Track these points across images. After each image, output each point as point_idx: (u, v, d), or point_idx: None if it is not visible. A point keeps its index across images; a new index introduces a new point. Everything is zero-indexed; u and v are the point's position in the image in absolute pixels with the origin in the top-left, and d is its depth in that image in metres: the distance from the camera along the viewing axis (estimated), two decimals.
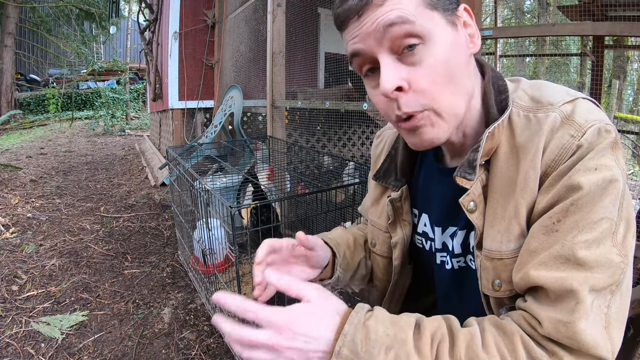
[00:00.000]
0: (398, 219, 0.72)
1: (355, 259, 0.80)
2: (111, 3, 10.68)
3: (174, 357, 1.42)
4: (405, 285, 0.78)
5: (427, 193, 0.70)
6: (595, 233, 0.46)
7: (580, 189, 0.47)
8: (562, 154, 0.49)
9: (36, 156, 5.45)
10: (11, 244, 2.35)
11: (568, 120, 0.50)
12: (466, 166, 0.56)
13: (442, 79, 0.51)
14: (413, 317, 0.51)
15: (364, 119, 2.31)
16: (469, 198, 0.56)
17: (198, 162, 2.81)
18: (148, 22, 4.96)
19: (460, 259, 0.65)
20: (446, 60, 0.51)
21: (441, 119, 0.53)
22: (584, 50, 5.20)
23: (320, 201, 1.29)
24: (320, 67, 4.62)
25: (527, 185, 0.51)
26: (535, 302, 0.48)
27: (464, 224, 0.62)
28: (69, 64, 11.75)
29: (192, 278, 1.95)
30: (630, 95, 12.79)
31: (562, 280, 0.45)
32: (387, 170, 0.74)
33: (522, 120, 0.54)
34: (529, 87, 0.58)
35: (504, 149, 0.55)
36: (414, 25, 0.49)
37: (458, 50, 0.53)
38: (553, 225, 0.48)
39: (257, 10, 3.11)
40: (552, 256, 0.47)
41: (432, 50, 0.50)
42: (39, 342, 1.48)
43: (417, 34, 0.49)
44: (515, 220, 0.52)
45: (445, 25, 0.52)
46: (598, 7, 2.81)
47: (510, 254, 0.52)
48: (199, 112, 4.25)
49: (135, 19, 10.15)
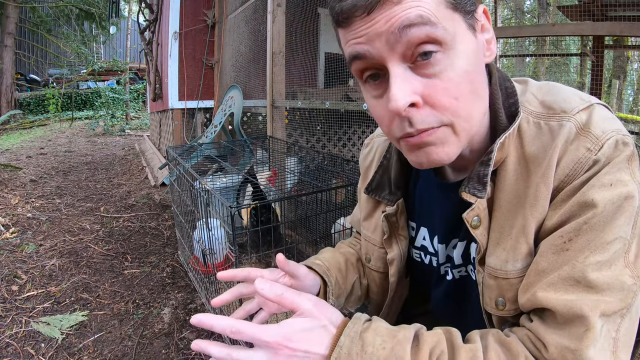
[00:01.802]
0: (394, 235, 0.67)
1: (348, 283, 0.74)
2: (111, 3, 10.68)
3: (174, 357, 1.42)
4: (402, 298, 0.75)
5: (426, 207, 0.65)
6: (607, 254, 0.43)
7: (595, 207, 0.43)
8: (577, 168, 0.45)
9: (36, 156, 5.45)
10: (11, 244, 2.35)
11: (584, 131, 0.46)
12: (475, 181, 0.51)
13: (465, 93, 0.45)
14: (412, 329, 0.48)
15: (364, 119, 2.31)
16: (473, 213, 0.51)
17: (198, 162, 2.81)
18: (148, 22, 4.96)
19: (460, 269, 0.62)
20: (468, 72, 0.45)
21: (456, 137, 0.47)
22: (584, 50, 5.19)
23: (320, 201, 1.29)
24: (320, 67, 4.61)
25: (538, 202, 0.47)
26: (542, 325, 0.45)
27: (464, 235, 0.59)
28: (69, 64, 11.75)
29: (192, 278, 1.95)
30: (630, 95, 12.79)
31: (571, 304, 0.42)
32: (379, 183, 0.68)
33: (532, 128, 0.50)
34: (537, 90, 0.53)
35: (512, 160, 0.50)
36: (436, 28, 0.42)
37: (477, 59, 0.47)
38: (564, 245, 0.45)
39: (257, 10, 3.11)
40: (562, 278, 0.44)
41: (454, 60, 0.44)
42: (39, 342, 1.48)
43: (439, 38, 0.42)
44: (523, 238, 0.48)
45: (467, 30, 0.46)
46: (598, 7, 2.81)
47: (517, 274, 0.49)
48: (199, 112, 4.25)
49: (135, 19, 10.16)
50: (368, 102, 0.51)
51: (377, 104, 0.49)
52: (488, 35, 0.50)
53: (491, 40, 0.50)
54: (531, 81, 0.56)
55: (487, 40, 0.50)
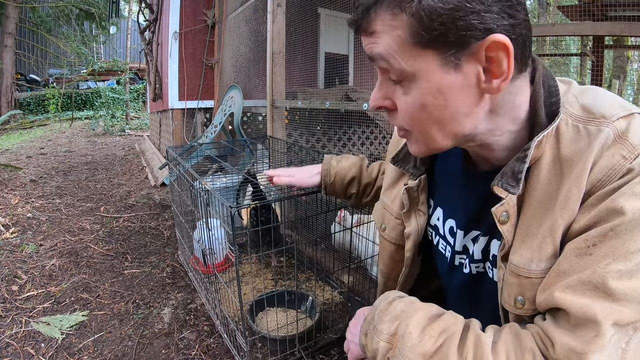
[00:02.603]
0: (414, 209, 0.69)
1: (347, 194, 1.05)
2: (111, 3, 10.69)
3: (174, 357, 1.42)
4: (414, 276, 0.77)
5: (447, 189, 0.67)
6: (630, 264, 0.42)
7: (623, 215, 0.43)
8: (610, 174, 0.45)
9: (36, 156, 5.45)
10: (11, 244, 2.35)
11: (621, 139, 0.45)
12: (509, 176, 0.50)
13: (418, 119, 0.51)
14: (436, 307, 0.55)
15: (364, 119, 2.31)
16: (503, 208, 0.51)
17: (198, 162, 2.81)
18: (148, 22, 4.96)
19: (479, 265, 0.62)
20: (424, 105, 0.48)
21: (423, 142, 0.54)
22: (584, 50, 5.20)
23: (320, 201, 1.29)
24: (320, 67, 4.61)
25: (568, 205, 0.47)
26: (553, 324, 0.46)
27: (487, 230, 0.59)
28: (69, 64, 11.76)
29: (192, 278, 1.95)
30: (630, 95, 12.80)
31: (586, 308, 0.43)
32: (406, 155, 0.70)
33: (570, 130, 0.49)
34: (580, 92, 0.53)
35: (547, 160, 0.50)
36: (393, 65, 0.47)
37: (453, 95, 0.47)
38: (587, 249, 0.45)
39: (257, 10, 3.11)
40: (581, 281, 0.44)
41: (412, 92, 0.49)
42: (39, 342, 1.48)
43: (397, 74, 0.48)
44: (550, 238, 0.48)
45: (439, 67, 0.45)
46: (598, 7, 2.81)
47: (540, 274, 0.49)
48: (199, 112, 4.25)
49: (135, 19, 10.17)
50: None
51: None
52: (497, 68, 0.45)
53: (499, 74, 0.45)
54: (575, 83, 0.56)
55: (491, 71, 0.46)
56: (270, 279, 1.93)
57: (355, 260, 1.81)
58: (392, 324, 0.53)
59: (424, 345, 0.48)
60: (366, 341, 0.56)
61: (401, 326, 0.51)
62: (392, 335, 0.52)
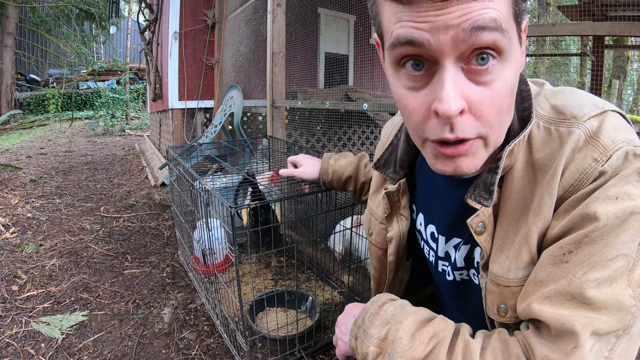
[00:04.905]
0: (395, 213, 0.68)
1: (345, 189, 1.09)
2: (111, 3, 10.69)
3: (174, 357, 1.42)
4: (404, 281, 0.76)
5: (428, 196, 0.66)
6: (608, 271, 0.41)
7: (597, 220, 0.41)
8: (582, 179, 0.43)
9: (36, 156, 5.45)
10: (11, 244, 2.35)
11: (592, 140, 0.44)
12: (482, 189, 0.49)
13: (505, 107, 0.43)
14: (427, 312, 0.54)
15: (364, 119, 2.31)
16: (478, 219, 0.50)
17: (198, 162, 2.81)
18: (148, 22, 4.96)
19: (462, 272, 0.62)
20: (512, 86, 0.43)
21: (485, 149, 0.45)
22: (584, 50, 5.20)
23: (320, 201, 1.29)
24: (320, 67, 4.61)
25: (541, 211, 0.46)
26: (534, 335, 0.45)
27: (468, 238, 0.58)
28: (69, 64, 11.76)
29: (192, 278, 1.95)
30: (630, 95, 12.79)
31: (564, 319, 0.42)
32: (387, 160, 0.69)
33: (542, 133, 0.48)
34: (551, 94, 0.51)
35: (520, 166, 0.49)
36: (504, 36, 0.39)
37: (519, 72, 0.45)
38: (563, 256, 0.43)
39: (257, 10, 3.11)
40: (558, 291, 0.43)
41: (505, 72, 0.41)
42: (39, 342, 1.48)
43: (502, 47, 0.39)
44: (525, 246, 0.47)
45: (517, 42, 0.43)
46: (598, 7, 2.81)
47: (519, 282, 0.49)
48: (199, 112, 4.25)
49: (135, 19, 10.17)
50: (398, 91, 0.45)
51: (410, 96, 0.44)
52: (523, 48, 0.46)
53: (524, 52, 0.47)
54: (547, 84, 0.54)
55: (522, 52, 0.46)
56: (270, 279, 1.93)
57: (356, 260, 1.82)
58: (383, 329, 0.52)
59: (414, 352, 0.48)
60: (356, 344, 0.56)
61: (391, 331, 0.51)
62: (382, 340, 0.52)
